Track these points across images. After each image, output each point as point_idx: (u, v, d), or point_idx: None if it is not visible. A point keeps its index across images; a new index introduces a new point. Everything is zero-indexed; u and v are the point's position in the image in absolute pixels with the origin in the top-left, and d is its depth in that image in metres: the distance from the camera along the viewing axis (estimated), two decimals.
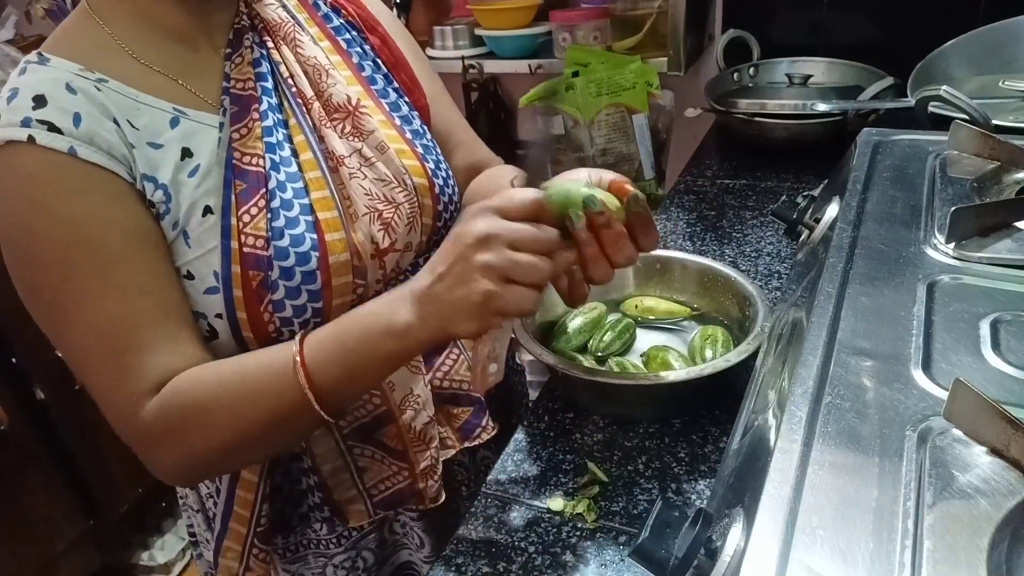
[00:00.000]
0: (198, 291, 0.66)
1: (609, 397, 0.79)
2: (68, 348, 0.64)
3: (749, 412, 0.58)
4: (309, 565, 0.81)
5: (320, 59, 0.75)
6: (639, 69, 1.51)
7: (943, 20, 1.36)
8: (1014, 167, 0.73)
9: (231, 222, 0.65)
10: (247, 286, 0.65)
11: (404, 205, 0.75)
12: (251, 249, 0.65)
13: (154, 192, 0.64)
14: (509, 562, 0.65)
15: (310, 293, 0.68)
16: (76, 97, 0.62)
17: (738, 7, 1.62)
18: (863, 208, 0.69)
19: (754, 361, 0.70)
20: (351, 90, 0.76)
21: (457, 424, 0.83)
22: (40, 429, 1.63)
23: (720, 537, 0.42)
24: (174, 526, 2.03)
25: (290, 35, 0.75)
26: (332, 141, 0.72)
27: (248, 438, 0.64)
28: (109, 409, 0.65)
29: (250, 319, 0.66)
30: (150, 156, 0.64)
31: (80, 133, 0.61)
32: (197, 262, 0.66)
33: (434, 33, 1.79)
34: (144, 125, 0.65)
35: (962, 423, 0.42)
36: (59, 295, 0.62)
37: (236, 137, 0.68)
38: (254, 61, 0.71)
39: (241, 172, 0.67)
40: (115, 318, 0.62)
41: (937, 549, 0.35)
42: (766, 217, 1.19)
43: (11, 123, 0.60)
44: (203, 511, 0.83)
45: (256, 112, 0.69)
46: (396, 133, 0.77)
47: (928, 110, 1.05)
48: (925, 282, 0.57)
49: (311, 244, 0.67)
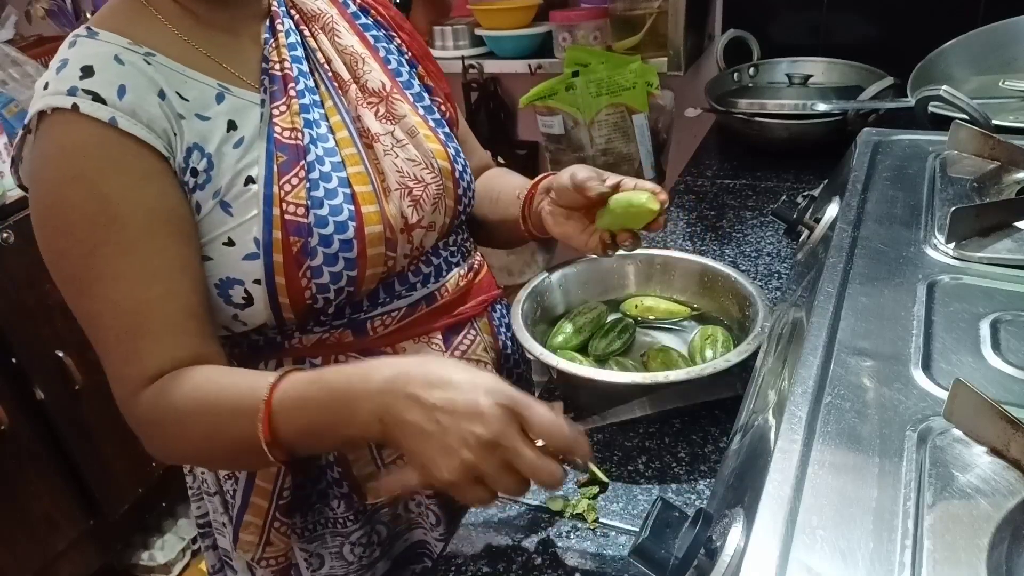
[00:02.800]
0: (236, 258, 0.69)
1: (609, 397, 0.79)
2: (85, 317, 0.67)
3: (749, 412, 0.58)
4: (326, 544, 0.83)
5: (356, 48, 0.80)
6: (639, 69, 1.51)
7: (943, 20, 1.36)
8: (1014, 167, 0.73)
9: (273, 191, 0.69)
10: (287, 252, 0.69)
11: (431, 185, 0.79)
12: (292, 216, 0.69)
13: (200, 160, 0.67)
14: (509, 562, 0.65)
15: (347, 261, 0.71)
16: (124, 68, 0.65)
17: (738, 7, 1.62)
18: (863, 208, 0.69)
19: (754, 361, 0.70)
20: (384, 78, 0.81)
21: None
22: (40, 429, 1.63)
23: (720, 537, 0.42)
24: (174, 526, 2.03)
25: (328, 25, 0.80)
26: (368, 120, 0.77)
27: (211, 455, 0.70)
28: (114, 383, 0.68)
29: (288, 284, 0.69)
30: (199, 127, 0.68)
31: (123, 105, 0.63)
32: (238, 229, 0.69)
33: (434, 33, 1.79)
34: (193, 97, 0.68)
35: (962, 423, 0.42)
36: (82, 268, 0.65)
37: (276, 113, 0.72)
38: (289, 45, 0.76)
39: (282, 145, 0.70)
40: (127, 300, 0.65)
41: (937, 549, 0.35)
42: (766, 217, 1.19)
43: (58, 91, 0.63)
44: (221, 493, 0.84)
45: (293, 91, 0.73)
46: (422, 120, 0.82)
47: (928, 110, 1.05)
48: (925, 282, 0.57)
49: (348, 214, 0.72)
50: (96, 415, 1.71)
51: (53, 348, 1.60)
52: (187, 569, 2.01)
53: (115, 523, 1.83)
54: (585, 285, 0.93)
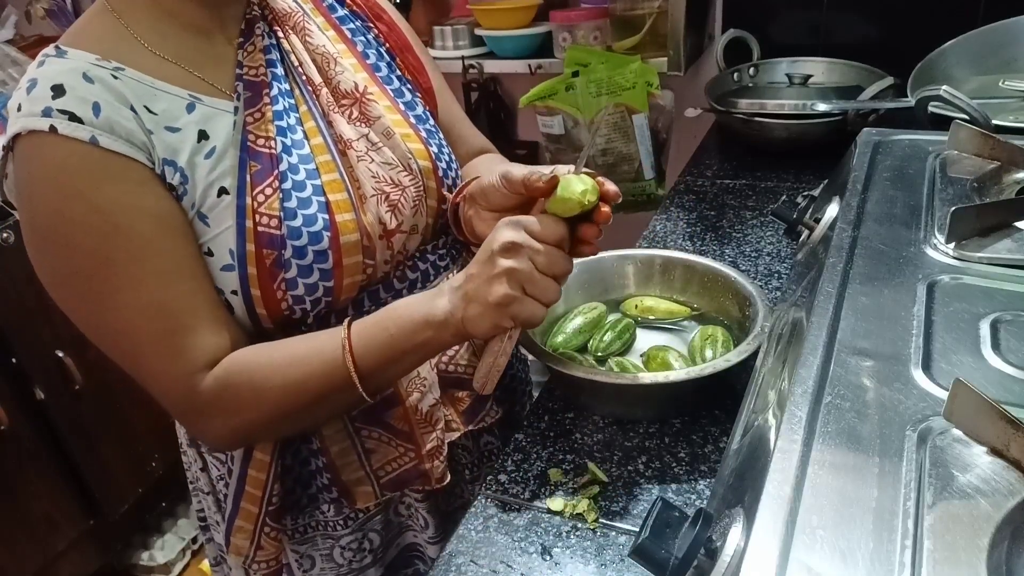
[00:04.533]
0: (215, 268, 0.69)
1: (609, 397, 0.79)
2: (111, 333, 0.67)
3: (749, 412, 0.58)
4: (317, 546, 0.83)
5: (328, 47, 0.78)
6: (639, 69, 1.51)
7: (943, 20, 1.36)
8: (1014, 167, 0.73)
9: (246, 202, 0.68)
10: (261, 264, 0.68)
11: (410, 188, 0.78)
12: (265, 228, 0.68)
13: (173, 175, 0.66)
14: (509, 562, 0.65)
15: (322, 272, 0.71)
16: (94, 86, 0.63)
17: (738, 7, 1.62)
18: (863, 208, 0.69)
19: (754, 361, 0.70)
20: (357, 77, 0.78)
21: (461, 407, 0.85)
22: (40, 429, 1.63)
23: (720, 537, 0.42)
24: (174, 526, 2.03)
25: (299, 24, 0.77)
26: (340, 126, 0.75)
27: (294, 413, 0.70)
28: (161, 389, 0.68)
29: (264, 296, 0.69)
30: (168, 140, 0.66)
31: (100, 122, 0.62)
32: (215, 241, 0.68)
33: (434, 33, 1.79)
34: (162, 110, 0.67)
35: (962, 423, 0.42)
36: (96, 283, 0.64)
37: (250, 121, 0.70)
38: (265, 48, 0.74)
39: (255, 154, 0.69)
40: (156, 304, 0.65)
41: (937, 549, 0.35)
42: (766, 217, 1.19)
43: (32, 113, 0.61)
44: (214, 493, 0.84)
45: (267, 96, 0.72)
46: (401, 118, 0.80)
47: (928, 110, 1.05)
48: (925, 282, 0.57)
49: (323, 224, 0.70)
50: (96, 415, 1.71)
51: (53, 348, 1.60)
52: (187, 569, 2.01)
53: (115, 523, 1.83)
54: (585, 285, 0.93)
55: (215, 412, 0.68)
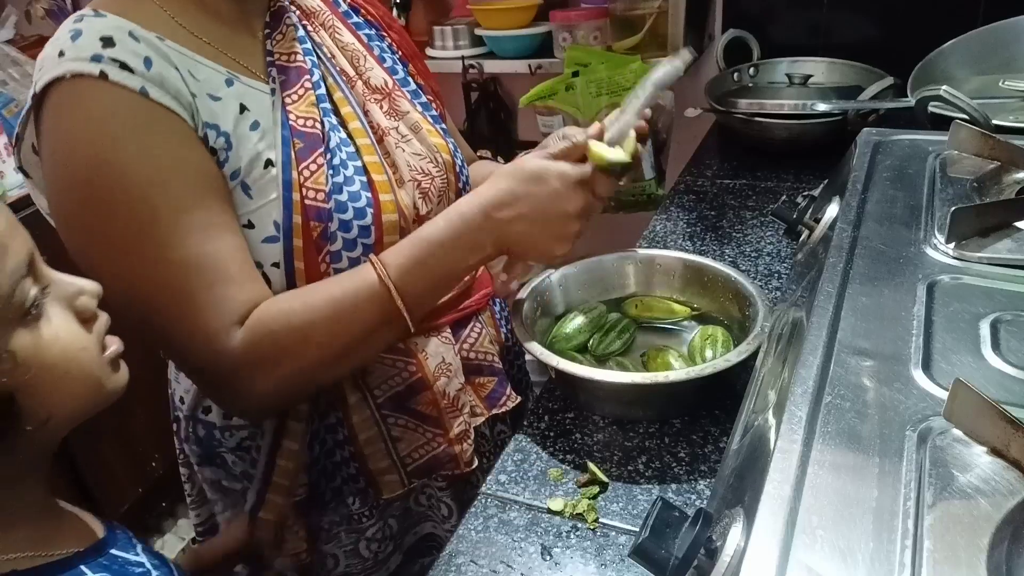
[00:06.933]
0: (256, 240, 0.69)
1: (609, 397, 0.79)
2: (143, 290, 0.64)
3: (749, 412, 0.58)
4: (341, 543, 0.83)
5: (356, 45, 0.81)
6: (639, 69, 1.50)
7: (943, 20, 1.36)
8: (1014, 167, 0.73)
9: (292, 176, 0.69)
10: (307, 236, 0.69)
11: (437, 179, 0.81)
12: (312, 201, 0.69)
13: (216, 139, 0.66)
14: (509, 562, 0.65)
15: (365, 247, 0.72)
16: (140, 44, 0.63)
17: (738, 7, 1.62)
18: (863, 208, 0.69)
19: (754, 361, 0.70)
20: (385, 76, 0.81)
21: (484, 393, 0.87)
22: None
23: (720, 537, 0.42)
24: (174, 526, 2.03)
25: (328, 22, 0.81)
26: (376, 115, 0.78)
27: (341, 354, 0.69)
28: (191, 347, 0.65)
29: (307, 269, 0.70)
30: (211, 106, 0.67)
31: (151, 75, 0.62)
32: (258, 212, 0.69)
33: (434, 33, 1.79)
34: (204, 79, 0.67)
35: (962, 423, 0.42)
36: (137, 233, 0.62)
37: (288, 101, 0.71)
38: (299, 38, 0.75)
39: (298, 132, 0.70)
40: (201, 254, 0.64)
41: (937, 549, 0.35)
42: (766, 217, 1.19)
43: (79, 57, 0.60)
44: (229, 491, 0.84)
45: (308, 82, 0.73)
46: (422, 116, 0.83)
47: (928, 110, 1.05)
48: (925, 282, 0.57)
49: (367, 201, 0.72)
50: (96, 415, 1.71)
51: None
52: None
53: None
54: (585, 285, 0.94)
55: (254, 366, 0.66)
